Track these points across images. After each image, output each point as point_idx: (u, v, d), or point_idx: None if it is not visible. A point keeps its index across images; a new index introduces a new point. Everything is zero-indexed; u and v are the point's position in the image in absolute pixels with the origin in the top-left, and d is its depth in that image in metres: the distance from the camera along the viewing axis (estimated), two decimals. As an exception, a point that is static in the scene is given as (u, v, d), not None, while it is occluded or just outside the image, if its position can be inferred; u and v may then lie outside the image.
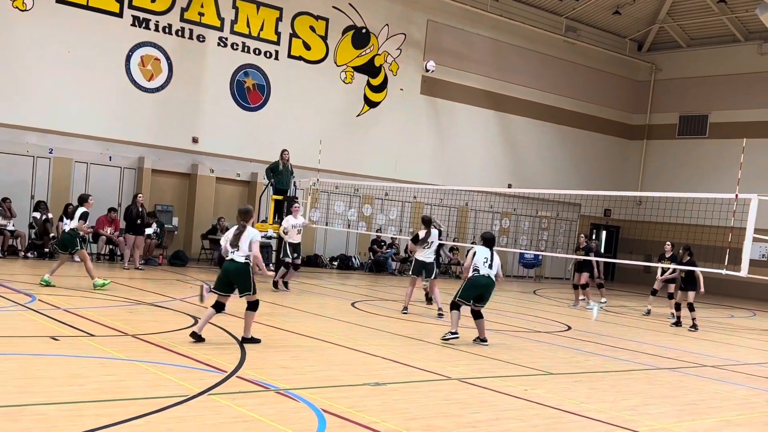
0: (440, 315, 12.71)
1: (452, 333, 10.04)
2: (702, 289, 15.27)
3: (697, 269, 14.88)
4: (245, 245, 8.52)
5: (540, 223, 28.08)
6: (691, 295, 15.00)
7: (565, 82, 28.77)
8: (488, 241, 10.37)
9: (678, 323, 15.21)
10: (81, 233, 12.70)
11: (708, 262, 17.34)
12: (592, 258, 17.07)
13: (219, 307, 8.68)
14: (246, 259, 8.53)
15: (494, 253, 10.25)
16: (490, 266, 10.15)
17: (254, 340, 8.63)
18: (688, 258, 15.18)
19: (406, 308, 13.08)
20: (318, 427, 5.49)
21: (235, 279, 8.55)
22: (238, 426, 5.38)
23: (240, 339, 8.68)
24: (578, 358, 10.13)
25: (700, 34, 29.78)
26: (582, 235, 17.62)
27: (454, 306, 10.15)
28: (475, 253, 10.21)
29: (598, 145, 30.24)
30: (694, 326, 14.79)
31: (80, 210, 12.72)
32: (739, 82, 28.31)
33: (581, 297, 17.79)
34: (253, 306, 8.67)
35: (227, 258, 8.63)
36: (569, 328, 13.35)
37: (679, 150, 29.91)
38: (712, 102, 29.13)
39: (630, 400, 7.56)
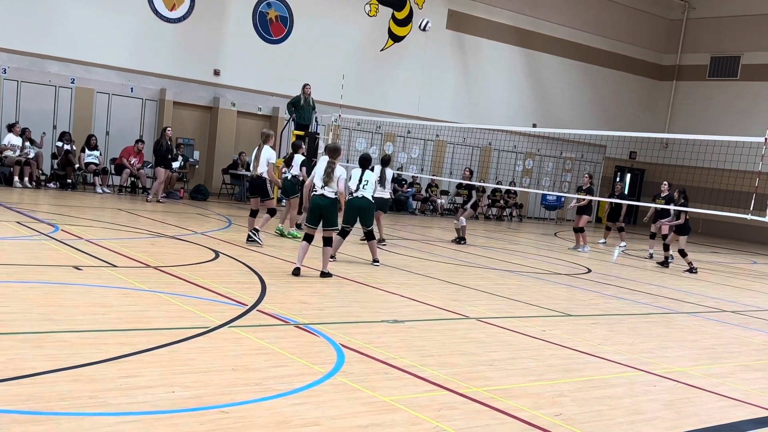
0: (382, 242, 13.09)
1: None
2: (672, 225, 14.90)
3: (688, 210, 14.53)
4: (335, 183, 9.10)
5: (564, 165, 27.78)
6: (682, 239, 14.70)
7: (595, 19, 28.00)
8: (364, 161, 10.56)
9: (666, 263, 15.00)
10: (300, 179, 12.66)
11: (733, 207, 17.11)
12: (590, 198, 16.76)
13: (311, 239, 9.28)
14: (335, 195, 9.13)
15: (367, 171, 10.44)
16: (365, 187, 10.35)
17: (329, 275, 9.14)
18: (683, 201, 14.86)
19: (382, 240, 13.29)
20: (336, 361, 5.56)
21: (324, 213, 9.11)
22: (258, 358, 5.45)
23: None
24: (597, 300, 10.13)
25: (737, -30, 28.69)
26: (586, 175, 17.29)
27: (341, 233, 10.28)
28: (350, 177, 10.27)
29: (626, 86, 29.59)
30: (692, 269, 14.51)
31: (297, 157, 12.82)
32: (774, 23, 27.37)
33: (603, 239, 17.68)
34: (329, 242, 9.18)
35: (316, 194, 9.16)
36: (589, 270, 13.32)
37: (709, 92, 29.20)
38: (745, 43, 28.25)
39: (648, 343, 7.56)
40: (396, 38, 23.55)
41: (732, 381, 6.39)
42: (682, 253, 14.64)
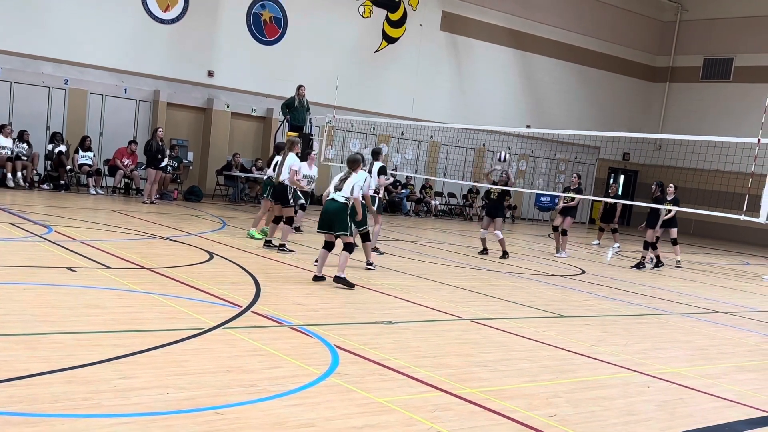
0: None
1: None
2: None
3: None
4: (348, 188, 8.94)
5: (557, 166, 27.83)
6: (649, 233, 14.84)
7: (589, 20, 28.09)
8: (349, 162, 9.85)
9: (641, 265, 14.76)
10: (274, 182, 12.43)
11: (726, 208, 17.16)
12: (581, 197, 16.66)
13: (329, 246, 9.02)
14: (346, 200, 8.91)
15: (352, 173, 9.36)
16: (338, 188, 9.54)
17: (346, 282, 8.71)
18: (659, 194, 14.99)
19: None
20: (331, 363, 5.55)
21: (333, 217, 8.87)
22: (253, 359, 5.45)
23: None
24: (591, 301, 10.15)
25: (730, -28, 28.81)
26: (575, 175, 17.08)
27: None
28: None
29: (619, 87, 29.68)
30: (642, 264, 14.72)
31: (277, 158, 12.50)
32: (766, 24, 27.47)
33: (596, 240, 17.66)
34: (348, 247, 8.89)
35: (329, 198, 8.99)
36: (583, 272, 13.34)
37: (702, 93, 29.30)
38: (737, 44, 28.37)
39: (641, 344, 7.58)
40: (390, 40, 23.57)
41: (726, 382, 6.41)
42: (646, 246, 14.75)
